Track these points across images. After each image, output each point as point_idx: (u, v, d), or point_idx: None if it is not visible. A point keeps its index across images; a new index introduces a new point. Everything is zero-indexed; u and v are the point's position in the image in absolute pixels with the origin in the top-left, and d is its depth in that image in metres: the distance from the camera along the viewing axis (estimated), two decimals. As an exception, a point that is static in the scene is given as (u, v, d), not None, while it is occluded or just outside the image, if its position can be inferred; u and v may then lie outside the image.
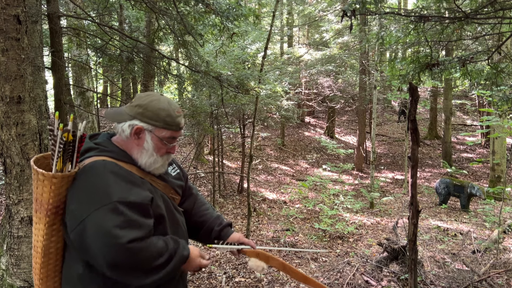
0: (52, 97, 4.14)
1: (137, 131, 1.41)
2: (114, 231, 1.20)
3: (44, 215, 1.31)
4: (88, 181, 1.31)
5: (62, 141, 1.29)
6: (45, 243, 1.34)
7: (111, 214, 1.23)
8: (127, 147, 1.45)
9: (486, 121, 5.66)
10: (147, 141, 1.42)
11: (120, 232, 1.21)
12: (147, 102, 1.42)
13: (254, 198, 9.06)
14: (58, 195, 1.31)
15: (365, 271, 4.34)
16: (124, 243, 1.20)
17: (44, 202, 1.30)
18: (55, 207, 1.31)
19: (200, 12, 4.66)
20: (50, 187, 1.29)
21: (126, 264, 1.24)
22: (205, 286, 4.40)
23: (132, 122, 1.41)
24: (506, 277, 4.10)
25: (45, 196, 1.30)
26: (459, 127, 17.63)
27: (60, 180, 1.29)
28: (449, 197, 9.02)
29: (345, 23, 12.14)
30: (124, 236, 1.21)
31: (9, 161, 2.42)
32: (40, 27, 3.43)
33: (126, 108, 1.45)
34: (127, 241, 1.21)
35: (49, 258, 1.37)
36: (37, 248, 1.36)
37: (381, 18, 4.70)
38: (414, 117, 2.75)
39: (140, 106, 1.42)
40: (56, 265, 1.41)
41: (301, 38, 21.14)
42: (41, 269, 1.38)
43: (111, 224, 1.21)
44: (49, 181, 1.28)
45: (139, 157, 1.43)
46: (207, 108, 7.29)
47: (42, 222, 1.32)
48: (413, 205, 2.82)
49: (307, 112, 18.63)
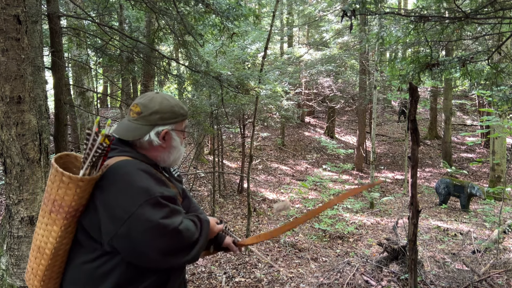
0: (52, 97, 4.14)
1: (164, 136, 1.46)
2: (163, 222, 1.26)
3: (63, 218, 1.29)
4: (121, 181, 1.31)
5: (102, 147, 1.27)
6: (57, 245, 1.32)
7: (155, 208, 1.27)
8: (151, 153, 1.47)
9: (486, 121, 5.66)
10: (175, 139, 1.49)
11: (168, 221, 1.28)
12: (159, 106, 1.45)
13: (254, 198, 9.06)
14: (81, 198, 1.29)
15: (365, 271, 4.34)
16: (173, 229, 1.28)
17: (65, 205, 1.28)
18: (75, 210, 1.30)
19: (200, 12, 4.66)
20: (75, 190, 1.27)
21: (178, 247, 1.32)
22: (205, 286, 4.40)
23: (156, 130, 1.45)
24: (506, 277, 4.10)
25: (67, 199, 1.28)
26: (459, 127, 17.63)
27: (87, 183, 1.28)
28: (449, 197, 9.02)
29: (345, 23, 12.14)
30: (172, 223, 1.29)
31: (9, 161, 2.42)
32: (40, 27, 3.44)
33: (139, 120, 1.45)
34: (175, 227, 1.29)
35: (56, 260, 1.36)
36: (44, 250, 1.34)
37: (381, 18, 4.70)
38: (414, 117, 2.75)
39: (155, 112, 1.44)
40: (60, 267, 1.39)
41: (301, 38, 21.14)
42: (45, 271, 1.36)
43: (158, 217, 1.26)
44: (75, 185, 1.26)
45: (167, 157, 1.50)
46: (207, 108, 7.29)
47: (57, 225, 1.30)
48: (413, 205, 2.82)
49: (307, 112, 18.63)
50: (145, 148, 1.46)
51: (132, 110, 1.48)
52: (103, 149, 1.28)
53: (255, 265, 5.07)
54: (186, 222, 1.37)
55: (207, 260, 5.24)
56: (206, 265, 5.02)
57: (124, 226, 1.25)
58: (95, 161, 1.30)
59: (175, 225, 1.29)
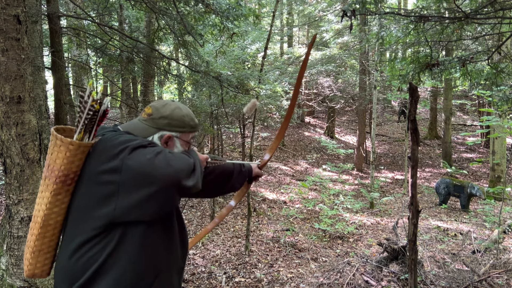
0: (52, 97, 4.14)
1: (166, 140, 1.48)
2: (154, 149, 1.31)
3: (53, 182, 1.32)
4: (112, 140, 1.35)
5: (92, 109, 1.30)
6: (47, 212, 1.34)
7: (144, 147, 1.32)
8: None
9: (486, 121, 5.66)
10: (177, 146, 1.52)
11: (158, 148, 1.33)
12: (170, 112, 1.49)
13: (254, 198, 9.06)
14: (71, 162, 1.31)
15: (365, 271, 4.34)
16: (166, 151, 1.33)
17: (55, 168, 1.31)
18: (65, 175, 1.32)
19: (200, 12, 4.66)
20: (65, 153, 1.30)
21: (179, 159, 1.33)
22: (205, 286, 4.40)
23: (161, 133, 1.48)
24: (506, 277, 4.10)
25: (58, 162, 1.31)
26: (459, 127, 17.63)
27: (77, 147, 1.31)
28: (449, 197, 9.02)
29: (345, 23, 12.14)
30: (163, 149, 1.33)
31: (9, 161, 2.42)
32: (40, 27, 3.44)
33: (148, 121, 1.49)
34: (166, 151, 1.33)
35: (46, 231, 1.37)
36: (36, 218, 1.36)
37: (381, 18, 4.70)
38: (414, 117, 2.75)
39: (165, 117, 1.48)
40: (52, 240, 1.40)
41: (301, 38, 21.15)
42: (35, 241, 1.37)
43: (149, 149, 1.30)
44: (66, 147, 1.30)
45: None
46: (207, 108, 7.29)
47: (48, 190, 1.33)
48: (413, 205, 2.83)
49: (307, 112, 18.63)
50: None
51: (144, 111, 1.52)
52: (94, 112, 1.30)
53: (255, 265, 5.07)
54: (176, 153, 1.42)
55: (207, 260, 5.25)
56: (206, 265, 5.02)
57: (123, 172, 1.27)
58: (87, 125, 1.32)
59: (165, 150, 1.33)
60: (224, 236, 6.52)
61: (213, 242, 6.19)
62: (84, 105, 1.30)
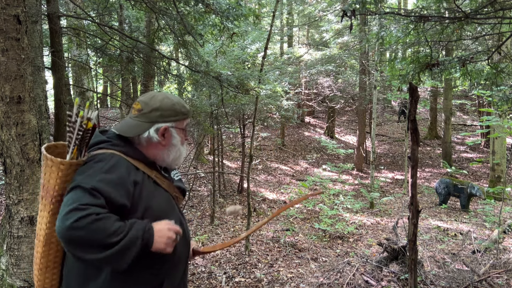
0: (52, 97, 4.14)
1: (163, 132, 1.46)
2: (81, 207, 1.19)
3: (49, 202, 1.32)
4: (89, 165, 1.32)
5: (82, 128, 1.30)
6: (48, 231, 1.34)
7: (84, 192, 1.22)
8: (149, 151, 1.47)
9: (486, 121, 5.66)
10: (174, 136, 1.50)
11: (85, 207, 1.20)
12: (159, 103, 1.47)
13: (254, 198, 9.06)
14: (64, 182, 1.31)
15: (365, 271, 4.34)
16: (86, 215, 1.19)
17: (50, 188, 1.31)
18: (59, 195, 1.31)
19: (200, 12, 4.66)
20: (57, 173, 1.30)
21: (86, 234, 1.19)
22: (205, 286, 4.40)
23: (156, 127, 1.45)
24: (506, 277, 4.10)
25: (52, 183, 1.31)
26: (459, 127, 17.63)
27: (68, 167, 1.30)
28: (449, 197, 9.02)
29: (345, 23, 12.13)
30: (88, 212, 1.19)
31: (9, 161, 2.42)
32: (40, 27, 3.44)
33: (139, 117, 1.46)
34: (88, 214, 1.19)
35: (50, 248, 1.37)
36: (39, 237, 1.36)
37: (381, 18, 4.70)
38: (414, 117, 2.75)
39: (156, 109, 1.46)
40: (56, 256, 1.40)
41: (301, 38, 21.15)
42: (41, 258, 1.38)
43: (79, 201, 1.20)
44: (57, 167, 1.29)
45: (166, 156, 1.49)
46: (207, 108, 7.29)
47: (46, 210, 1.33)
48: (413, 205, 2.82)
49: (307, 112, 18.63)
50: (144, 145, 1.46)
51: (133, 107, 1.50)
52: (84, 131, 1.30)
53: (255, 265, 5.07)
54: (106, 221, 1.21)
55: (207, 260, 5.25)
56: (206, 265, 5.02)
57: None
58: (79, 144, 1.32)
59: (90, 213, 1.18)
60: (224, 236, 6.52)
61: (213, 242, 6.19)
62: (73, 125, 1.30)
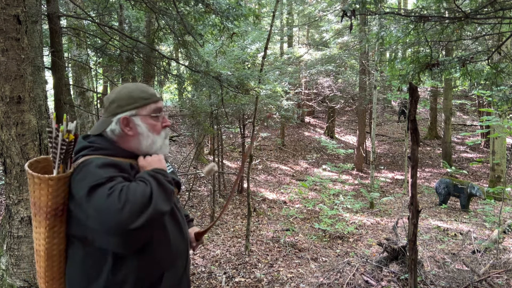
0: (52, 97, 4.14)
1: (124, 122, 1.42)
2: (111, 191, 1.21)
3: (44, 218, 1.31)
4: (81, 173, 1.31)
5: (64, 142, 1.29)
6: (48, 246, 1.34)
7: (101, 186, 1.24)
8: (124, 144, 1.46)
9: (486, 121, 5.66)
10: (139, 125, 1.44)
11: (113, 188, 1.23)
12: (116, 94, 1.45)
13: (254, 198, 9.06)
14: (56, 197, 1.30)
15: (365, 271, 4.34)
16: (120, 192, 1.22)
17: (42, 205, 1.30)
18: (54, 209, 1.31)
19: (200, 12, 4.66)
20: (47, 190, 1.28)
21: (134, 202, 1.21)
22: (205, 286, 4.40)
23: (116, 118, 1.43)
24: (506, 277, 4.10)
25: (43, 199, 1.29)
26: (459, 127, 17.63)
27: (57, 182, 1.29)
28: (449, 197, 9.02)
29: (345, 23, 12.14)
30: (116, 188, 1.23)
31: (9, 161, 2.42)
32: (40, 27, 3.43)
33: (104, 114, 1.47)
34: (120, 190, 1.22)
35: (52, 261, 1.37)
36: (39, 252, 1.36)
37: (381, 18, 4.70)
38: (414, 117, 2.75)
39: (112, 102, 1.44)
40: (60, 267, 1.41)
41: (301, 38, 21.15)
42: (46, 272, 1.38)
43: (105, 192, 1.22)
44: (46, 184, 1.28)
45: (138, 146, 1.45)
46: (207, 108, 7.29)
47: (42, 226, 1.32)
48: (413, 205, 2.83)
49: (307, 112, 18.63)
50: (116, 140, 1.45)
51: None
52: (67, 145, 1.29)
53: (255, 265, 5.07)
54: (131, 185, 1.27)
55: (207, 260, 5.25)
56: (206, 265, 5.03)
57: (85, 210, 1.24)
58: (64, 158, 1.31)
59: (118, 189, 1.22)
60: (224, 236, 6.52)
61: (213, 242, 6.19)
62: (55, 141, 1.29)
